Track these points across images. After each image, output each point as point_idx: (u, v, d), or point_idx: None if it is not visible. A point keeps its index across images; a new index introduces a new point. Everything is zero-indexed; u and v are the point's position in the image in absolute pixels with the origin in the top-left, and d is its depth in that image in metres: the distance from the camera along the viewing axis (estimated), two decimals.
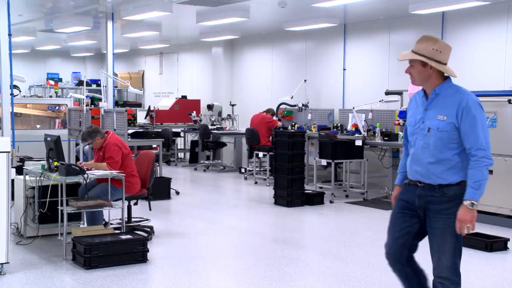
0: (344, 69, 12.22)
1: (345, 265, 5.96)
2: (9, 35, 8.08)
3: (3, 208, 5.28)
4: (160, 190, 9.20)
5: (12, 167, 5.61)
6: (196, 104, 15.08)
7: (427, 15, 10.12)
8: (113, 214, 7.27)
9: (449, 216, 3.53)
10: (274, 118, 12.32)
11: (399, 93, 10.18)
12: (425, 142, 3.61)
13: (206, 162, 13.95)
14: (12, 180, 6.08)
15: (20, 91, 14.37)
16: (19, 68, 15.05)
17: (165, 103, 15.16)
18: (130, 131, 10.15)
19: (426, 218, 3.64)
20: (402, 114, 9.70)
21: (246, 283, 5.40)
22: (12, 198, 5.67)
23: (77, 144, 11.32)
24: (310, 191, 9.55)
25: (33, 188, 6.61)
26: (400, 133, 9.65)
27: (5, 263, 5.33)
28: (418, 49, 3.63)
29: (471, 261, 6.03)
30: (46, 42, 16.96)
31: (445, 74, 3.63)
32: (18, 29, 12.95)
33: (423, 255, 3.88)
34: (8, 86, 8.08)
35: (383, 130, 10.03)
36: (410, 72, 3.66)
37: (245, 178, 12.26)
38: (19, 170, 7.20)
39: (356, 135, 10.26)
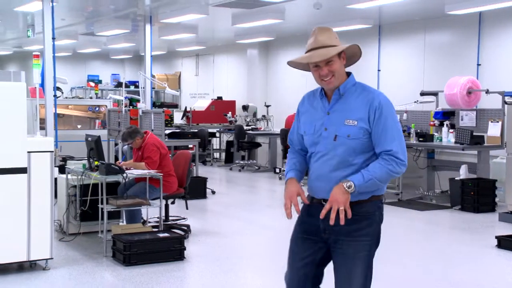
0: (379, 70, 12.11)
1: (380, 264, 5.87)
2: (53, 38, 8.22)
3: (47, 206, 5.39)
4: (196, 189, 9.25)
5: (55, 166, 5.72)
6: (231, 105, 15.12)
7: (464, 15, 9.95)
8: (151, 212, 7.35)
9: (361, 238, 2.97)
10: None
11: (435, 93, 10.05)
12: (331, 153, 2.94)
13: (241, 162, 13.98)
14: (55, 179, 6.19)
15: (62, 92, 14.60)
16: (62, 71, 15.32)
17: (201, 104, 15.24)
18: (167, 132, 10.23)
19: (333, 242, 3.00)
20: (438, 115, 9.59)
21: (282, 283, 5.39)
22: (55, 196, 5.77)
23: (116, 144, 11.47)
24: None
25: (75, 186, 6.73)
26: (436, 134, 9.52)
27: (49, 258, 5.44)
28: (325, 42, 2.93)
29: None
30: (87, 45, 17.24)
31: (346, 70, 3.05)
32: (61, 32, 13.18)
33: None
34: (52, 88, 8.22)
35: (418, 130, 9.89)
36: (328, 74, 2.92)
37: (280, 178, 12.24)
38: (62, 169, 7.35)
39: None
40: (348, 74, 3.02)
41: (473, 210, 8.49)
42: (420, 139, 9.53)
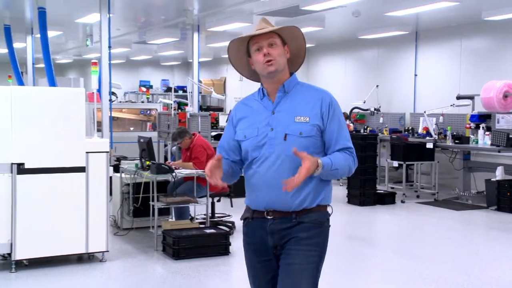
0: (416, 75, 11.91)
1: (417, 262, 5.81)
2: (109, 47, 8.37)
3: (103, 202, 5.49)
4: (240, 188, 9.10)
5: (110, 166, 5.83)
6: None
7: (501, 21, 9.69)
8: (198, 209, 7.41)
9: (310, 248, 2.56)
10: (347, 122, 12.18)
11: (471, 97, 9.84)
12: (281, 154, 2.51)
13: None
14: (110, 177, 6.31)
15: (117, 97, 14.87)
16: (116, 77, 15.58)
17: None
18: (213, 133, 10.29)
19: (282, 252, 2.59)
20: (474, 118, 9.39)
21: (321, 277, 5.36)
22: (110, 194, 5.88)
23: (165, 145, 11.60)
24: (382, 191, 9.38)
25: (128, 185, 6.84)
26: (472, 136, 9.32)
27: (106, 251, 5.55)
28: (269, 26, 2.60)
29: None
30: (139, 53, 17.51)
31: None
32: (116, 41, 13.43)
33: None
34: (107, 93, 8.37)
35: (454, 133, 9.71)
36: (270, 54, 2.53)
37: None
38: (116, 169, 7.48)
39: (427, 138, 9.99)
40: (291, 74, 2.68)
41: (509, 211, 8.29)
42: (456, 141, 9.36)
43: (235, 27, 11.04)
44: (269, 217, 2.56)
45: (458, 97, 9.95)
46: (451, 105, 9.70)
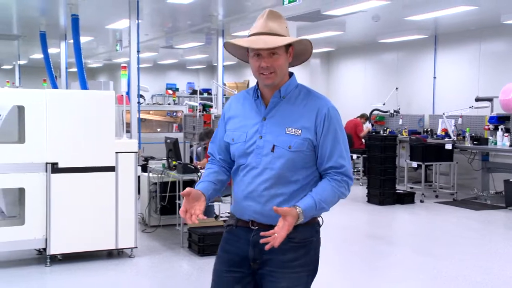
0: (435, 78, 11.80)
1: (436, 261, 5.75)
2: (138, 52, 8.44)
3: (131, 200, 5.55)
4: None
5: (138, 165, 5.88)
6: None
7: None
8: (223, 208, 7.42)
9: (297, 269, 2.27)
10: (368, 124, 12.09)
11: (489, 99, 9.70)
12: (267, 166, 2.22)
13: None
14: (138, 177, 6.36)
15: (144, 99, 14.99)
16: (144, 80, 15.70)
17: None
18: None
19: (265, 274, 2.28)
20: (492, 120, 9.26)
21: (342, 274, 5.35)
22: (139, 192, 5.93)
23: (191, 146, 11.66)
24: (401, 191, 9.30)
25: (155, 183, 6.89)
26: (491, 137, 9.19)
27: (134, 247, 5.60)
28: (274, 29, 2.19)
29: None
30: (166, 57, 17.65)
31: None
32: (144, 46, 13.54)
33: None
34: (136, 96, 8.44)
35: (473, 134, 9.58)
36: (270, 67, 2.18)
37: None
38: (144, 168, 7.54)
39: (446, 139, 9.88)
40: (290, 74, 2.33)
41: None
42: (475, 142, 9.24)
43: None
44: (253, 227, 2.27)
45: (477, 99, 9.82)
46: (470, 107, 9.58)
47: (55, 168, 5.21)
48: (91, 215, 5.35)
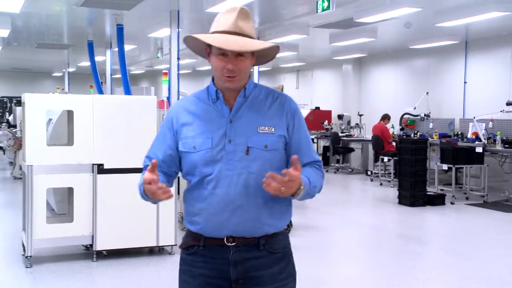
0: (465, 82, 11.55)
1: (467, 261, 5.62)
2: (178, 58, 8.52)
3: (171, 200, 5.59)
4: None
5: None
6: (328, 114, 15.00)
7: None
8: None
9: (285, 282, 2.03)
10: (398, 127, 11.93)
11: None
12: (244, 171, 1.93)
13: (337, 165, 13.82)
14: (178, 177, 6.41)
15: None
16: (183, 85, 15.89)
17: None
18: None
19: None
20: None
21: (373, 273, 5.28)
22: (178, 192, 5.97)
23: None
24: (432, 193, 9.13)
25: None
26: None
27: (174, 245, 5.65)
28: (245, 29, 1.94)
29: None
30: (204, 64, 17.75)
31: None
32: (183, 53, 13.56)
33: None
34: (176, 100, 8.51)
35: (504, 138, 9.34)
36: (235, 70, 1.93)
37: (371, 180, 11.98)
38: None
39: (477, 142, 9.66)
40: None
41: None
42: (506, 145, 9.01)
43: (292, 39, 11.05)
44: (230, 244, 1.94)
45: (508, 103, 9.56)
46: (501, 111, 9.35)
47: (100, 169, 5.29)
48: (134, 213, 5.42)
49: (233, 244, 1.94)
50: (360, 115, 14.14)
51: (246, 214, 1.92)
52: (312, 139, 14.83)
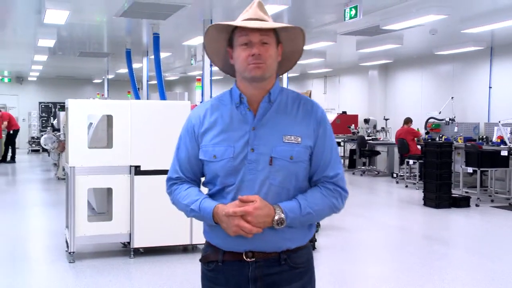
0: (490, 87, 11.29)
1: (492, 263, 5.48)
2: (210, 65, 8.58)
3: None
4: None
5: None
6: (354, 118, 14.87)
7: None
8: None
9: None
10: (423, 131, 11.75)
11: None
12: (265, 183, 1.74)
13: (363, 167, 13.68)
14: None
15: None
16: (216, 91, 15.97)
17: (328, 118, 15.01)
18: None
19: None
20: None
21: (399, 273, 5.19)
22: None
23: None
24: (457, 195, 8.95)
25: None
26: None
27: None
28: (265, 18, 1.79)
29: None
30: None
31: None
32: None
33: None
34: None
35: None
36: (261, 55, 1.74)
37: (397, 182, 11.81)
38: None
39: (502, 146, 9.42)
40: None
41: None
42: None
43: (320, 46, 10.99)
44: (249, 259, 1.76)
45: None
46: None
47: (138, 171, 5.35)
48: (169, 213, 5.39)
49: (252, 259, 1.76)
50: (386, 119, 13.97)
51: (267, 228, 1.71)
52: (339, 143, 14.87)
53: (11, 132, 15.49)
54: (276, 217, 1.70)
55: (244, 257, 1.76)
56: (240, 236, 1.71)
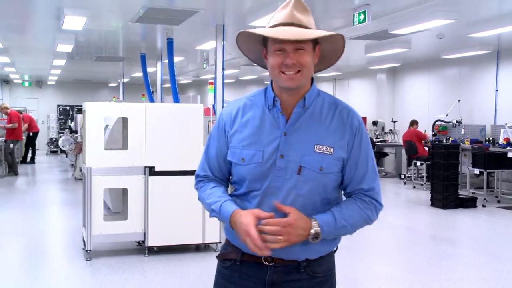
0: (497, 90, 11.18)
1: (499, 262, 5.42)
2: (223, 69, 8.59)
3: None
4: None
5: None
6: (363, 120, 14.79)
7: None
8: None
9: None
10: (431, 133, 11.66)
11: None
12: (292, 192, 1.63)
13: None
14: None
15: None
16: (228, 94, 15.97)
17: None
18: None
19: None
20: None
21: (407, 272, 5.15)
22: None
23: None
24: (464, 196, 8.87)
25: None
26: None
27: (219, 242, 5.65)
28: (303, 21, 1.64)
29: None
30: (247, 73, 17.82)
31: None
32: (227, 64, 13.68)
33: None
34: (221, 108, 8.57)
35: None
36: (295, 65, 1.59)
37: (404, 183, 11.73)
38: None
39: (508, 148, 9.32)
40: (311, 80, 1.71)
41: None
42: None
43: None
44: (268, 263, 1.67)
45: None
46: None
47: (152, 171, 5.36)
48: (182, 213, 5.47)
49: (271, 264, 1.67)
50: (394, 122, 13.89)
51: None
52: None
53: (31, 134, 15.63)
54: (313, 231, 1.59)
55: (263, 261, 1.67)
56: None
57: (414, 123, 11.75)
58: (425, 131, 11.97)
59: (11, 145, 12.71)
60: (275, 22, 1.63)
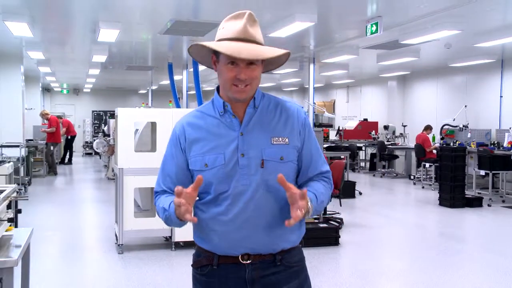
0: (501, 96, 10.99)
1: (504, 259, 5.32)
2: None
3: None
4: (347, 190, 9.10)
5: None
6: (374, 125, 14.69)
7: None
8: None
9: None
10: (438, 136, 11.50)
11: None
12: (260, 186, 1.61)
13: (382, 170, 13.48)
14: None
15: None
16: None
17: (351, 124, 15.01)
18: (325, 146, 10.21)
19: None
20: None
21: (416, 267, 5.09)
22: None
23: None
24: (470, 196, 8.73)
25: None
26: None
27: None
28: (256, 36, 1.61)
29: None
30: (265, 81, 17.83)
31: None
32: None
33: None
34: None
35: None
36: (247, 79, 1.59)
37: (414, 184, 11.60)
38: None
39: None
40: None
41: None
42: None
43: (343, 59, 10.91)
44: (245, 261, 1.62)
45: None
46: None
47: None
48: None
49: (248, 262, 1.62)
50: (404, 126, 13.75)
51: (264, 230, 1.60)
52: (360, 147, 14.70)
53: (69, 137, 15.88)
54: (309, 204, 1.56)
55: (240, 260, 1.62)
56: (235, 239, 1.60)
57: (427, 128, 11.59)
58: (433, 137, 11.81)
59: (51, 147, 12.94)
60: (228, 35, 1.59)
